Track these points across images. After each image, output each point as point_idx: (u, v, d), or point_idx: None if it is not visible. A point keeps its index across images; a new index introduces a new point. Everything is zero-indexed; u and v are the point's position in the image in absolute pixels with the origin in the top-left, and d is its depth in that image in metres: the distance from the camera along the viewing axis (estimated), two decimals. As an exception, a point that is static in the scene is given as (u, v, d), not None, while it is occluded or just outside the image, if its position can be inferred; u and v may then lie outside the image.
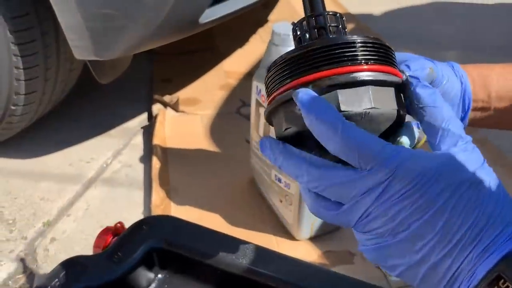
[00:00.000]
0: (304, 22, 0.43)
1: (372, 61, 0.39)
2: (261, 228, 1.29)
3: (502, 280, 0.34)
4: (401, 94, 0.42)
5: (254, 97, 1.28)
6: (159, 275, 0.94)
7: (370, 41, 0.39)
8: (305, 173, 0.38)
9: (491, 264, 0.34)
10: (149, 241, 0.93)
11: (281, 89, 0.40)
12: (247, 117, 1.41)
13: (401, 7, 2.62)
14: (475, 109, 0.55)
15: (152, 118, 1.74)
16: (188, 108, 1.79)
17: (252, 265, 0.86)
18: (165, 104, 1.79)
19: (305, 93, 0.37)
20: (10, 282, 1.21)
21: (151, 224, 0.97)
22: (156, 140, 1.60)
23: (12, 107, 1.43)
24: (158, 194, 1.40)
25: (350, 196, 0.36)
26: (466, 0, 2.66)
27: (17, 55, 1.33)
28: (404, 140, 0.41)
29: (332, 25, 0.42)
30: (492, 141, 1.58)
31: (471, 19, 2.52)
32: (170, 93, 1.84)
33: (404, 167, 0.36)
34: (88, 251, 0.95)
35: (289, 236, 1.27)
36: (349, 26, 2.37)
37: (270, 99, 0.41)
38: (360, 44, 0.39)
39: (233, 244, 0.91)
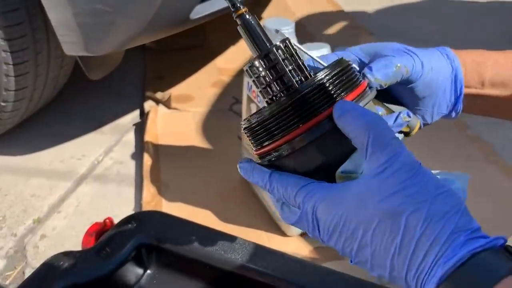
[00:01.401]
0: (257, 63, 0.42)
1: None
2: (252, 224, 1.29)
3: None
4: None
5: (245, 93, 1.28)
6: (148, 271, 0.93)
7: (326, 80, 0.40)
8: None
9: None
10: (138, 237, 0.92)
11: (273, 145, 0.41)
12: (240, 114, 1.41)
13: (394, 5, 2.63)
14: (468, 95, 0.54)
15: (144, 115, 1.74)
16: (180, 105, 1.78)
17: (243, 261, 0.85)
18: (157, 101, 1.79)
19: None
20: (-1, 279, 1.20)
21: (140, 220, 0.96)
22: (147, 137, 1.59)
23: (2, 104, 1.42)
24: (149, 190, 1.39)
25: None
26: (459, -2, 2.67)
27: (6, 51, 1.32)
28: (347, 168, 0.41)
29: (284, 58, 0.42)
30: (484, 138, 1.59)
31: (463, 17, 2.52)
32: (162, 90, 1.84)
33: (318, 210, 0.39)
34: (79, 248, 0.94)
35: (280, 232, 1.27)
36: (343, 24, 2.37)
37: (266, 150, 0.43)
38: (320, 87, 0.40)
39: (223, 239, 0.90)
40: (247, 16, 0.43)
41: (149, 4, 1.20)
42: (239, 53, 2.08)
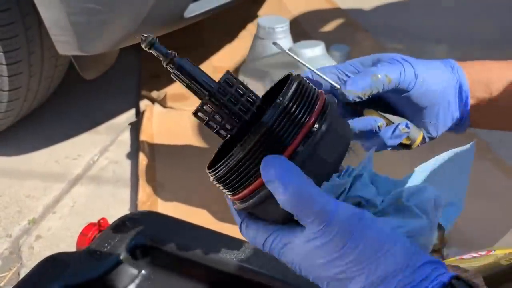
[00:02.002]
0: (206, 107, 0.41)
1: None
2: (249, 224, 1.29)
3: None
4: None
5: (240, 91, 1.27)
6: (143, 271, 0.93)
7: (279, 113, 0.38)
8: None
9: None
10: (133, 237, 0.92)
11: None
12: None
13: (390, 2, 2.62)
14: (476, 106, 0.53)
15: (139, 114, 1.73)
16: (176, 104, 1.77)
17: (239, 261, 0.85)
18: (152, 100, 1.78)
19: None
20: (-6, 280, 1.20)
21: (134, 220, 0.95)
22: (143, 136, 1.59)
23: (-4, 104, 1.42)
24: (144, 190, 1.38)
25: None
26: (455, -5, 2.67)
27: (-1, 51, 1.32)
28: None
29: (231, 92, 0.40)
30: (481, 136, 1.58)
31: (461, 12, 2.52)
32: (158, 89, 1.83)
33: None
34: (74, 248, 0.94)
35: (277, 231, 1.27)
36: (339, 22, 2.36)
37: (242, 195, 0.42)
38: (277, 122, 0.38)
39: (219, 239, 0.90)
40: (181, 60, 0.42)
41: (142, 3, 1.19)
42: (235, 52, 2.07)
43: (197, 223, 0.95)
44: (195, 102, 0.42)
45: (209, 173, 0.43)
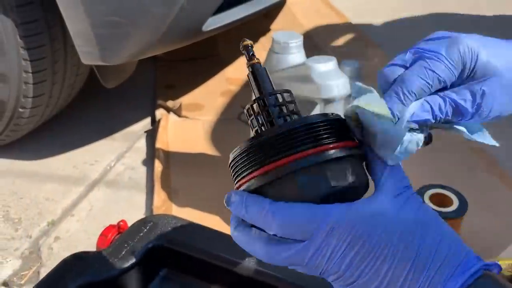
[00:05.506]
0: (255, 105, 0.46)
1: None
2: (259, 230, 1.33)
3: None
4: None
5: (254, 103, 1.32)
6: (160, 272, 0.97)
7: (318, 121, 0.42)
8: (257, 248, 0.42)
9: None
10: (151, 239, 0.96)
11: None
12: (247, 123, 1.45)
13: (401, 18, 2.67)
14: None
15: (155, 123, 1.78)
16: (191, 113, 1.83)
17: (251, 263, 0.89)
18: (168, 109, 1.83)
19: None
20: (15, 278, 1.24)
21: (152, 223, 1.00)
22: (158, 144, 1.64)
23: (20, 110, 1.48)
24: (159, 196, 1.43)
25: (302, 264, 0.40)
26: (465, 11, 2.70)
27: (26, 59, 1.38)
28: None
29: (277, 104, 0.45)
30: (488, 150, 1.61)
31: (470, 30, 2.56)
32: (173, 99, 1.89)
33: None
34: (91, 249, 0.98)
35: (287, 238, 1.31)
36: (350, 36, 2.41)
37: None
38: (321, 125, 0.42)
39: (233, 243, 0.94)
40: (258, 65, 0.49)
41: (163, 17, 1.25)
42: (248, 64, 2.12)
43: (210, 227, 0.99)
44: (209, 112, 0.47)
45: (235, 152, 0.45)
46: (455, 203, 1.15)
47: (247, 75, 0.49)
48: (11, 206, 1.47)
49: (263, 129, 0.45)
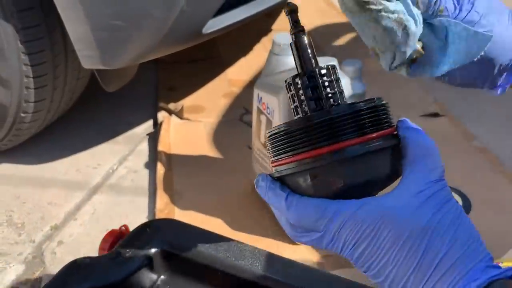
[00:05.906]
0: (297, 80, 0.45)
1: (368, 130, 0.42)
2: (262, 233, 1.33)
3: None
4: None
5: (255, 104, 1.32)
6: (162, 277, 0.97)
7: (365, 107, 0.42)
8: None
9: None
10: (153, 243, 0.96)
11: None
12: (250, 124, 1.45)
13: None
14: None
15: (157, 125, 1.78)
16: (192, 115, 1.83)
17: (253, 268, 0.89)
18: (170, 112, 1.83)
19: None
20: (18, 283, 1.25)
21: (154, 227, 1.00)
22: (161, 147, 1.64)
23: (22, 115, 1.48)
24: (162, 199, 1.43)
25: (322, 248, 0.43)
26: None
27: (27, 64, 1.38)
28: None
29: (325, 80, 0.44)
30: (492, 150, 1.61)
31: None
32: (175, 101, 1.89)
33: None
34: (94, 254, 0.98)
35: (289, 240, 1.30)
36: (351, 36, 2.40)
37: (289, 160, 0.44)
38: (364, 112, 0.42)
39: (235, 247, 0.94)
40: (303, 36, 0.46)
41: (163, 20, 1.25)
42: (249, 65, 2.12)
43: (212, 231, 0.99)
44: (211, 113, 0.47)
45: (273, 129, 0.45)
46: (458, 203, 1.15)
47: (290, 44, 0.48)
48: (14, 210, 1.47)
49: (299, 110, 0.45)
